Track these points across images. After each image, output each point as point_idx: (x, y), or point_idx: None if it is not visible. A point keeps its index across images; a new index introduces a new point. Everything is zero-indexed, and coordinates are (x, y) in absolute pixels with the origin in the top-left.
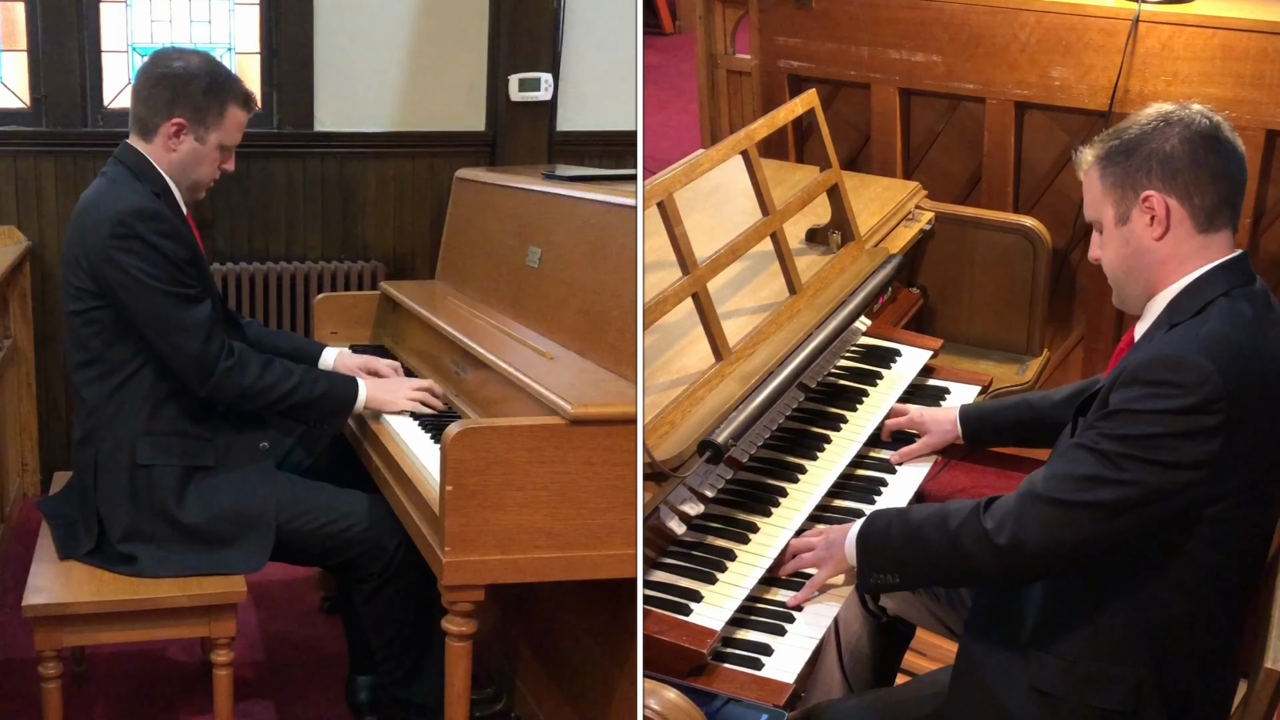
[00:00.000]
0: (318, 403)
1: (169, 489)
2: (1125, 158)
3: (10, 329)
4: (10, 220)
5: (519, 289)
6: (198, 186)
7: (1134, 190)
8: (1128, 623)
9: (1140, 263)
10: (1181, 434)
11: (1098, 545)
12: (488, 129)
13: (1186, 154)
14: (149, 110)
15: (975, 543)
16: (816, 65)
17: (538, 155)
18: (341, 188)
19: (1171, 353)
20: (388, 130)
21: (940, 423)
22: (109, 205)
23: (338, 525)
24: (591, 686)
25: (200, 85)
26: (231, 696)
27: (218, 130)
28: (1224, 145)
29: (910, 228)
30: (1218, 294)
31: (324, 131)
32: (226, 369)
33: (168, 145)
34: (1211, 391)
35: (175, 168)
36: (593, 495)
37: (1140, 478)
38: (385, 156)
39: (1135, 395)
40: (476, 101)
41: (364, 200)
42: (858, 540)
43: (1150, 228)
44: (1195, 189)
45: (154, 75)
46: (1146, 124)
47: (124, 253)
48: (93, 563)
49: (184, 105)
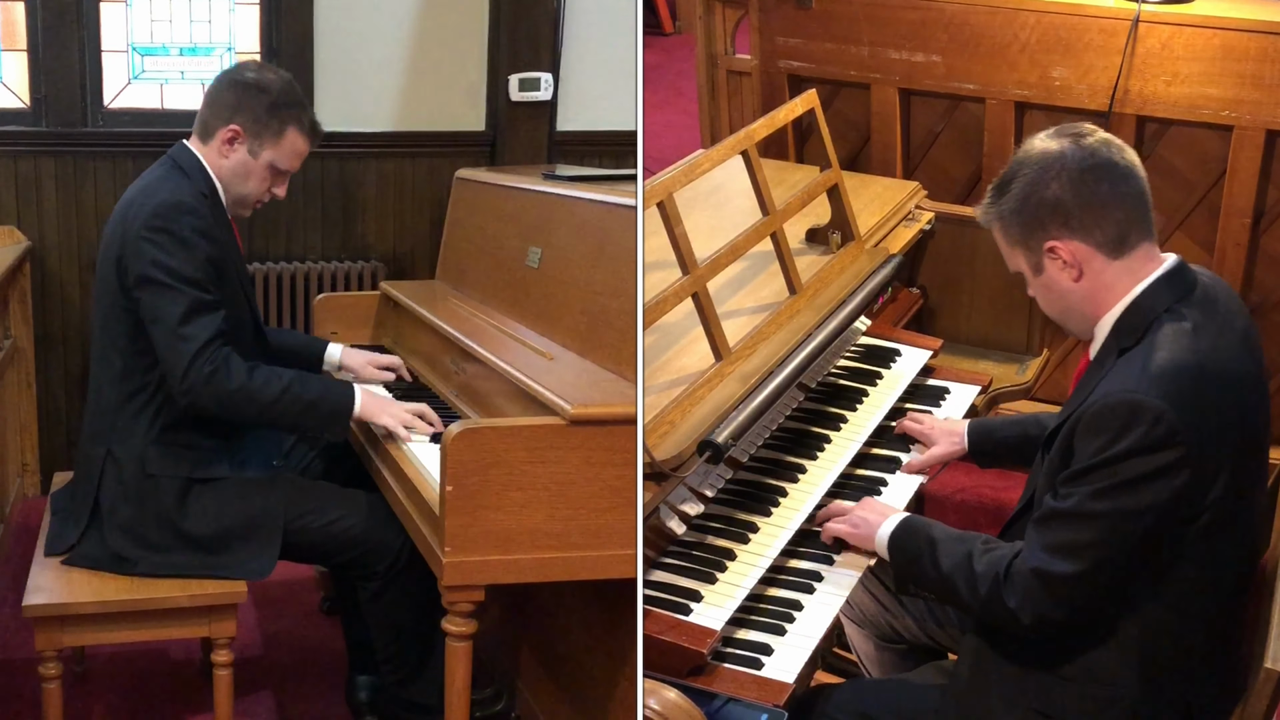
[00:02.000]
0: (311, 409)
1: (172, 501)
2: (1018, 214)
3: (10, 329)
4: (10, 220)
5: (519, 289)
6: (243, 202)
7: (1037, 243)
8: (1124, 644)
9: (1070, 302)
10: (1148, 475)
11: (1112, 589)
12: (488, 129)
13: (1073, 195)
14: (212, 113)
15: (1006, 619)
16: (816, 65)
17: (538, 155)
18: (341, 188)
19: (1122, 399)
20: (388, 130)
21: (948, 435)
22: (151, 198)
23: (342, 524)
24: (591, 686)
25: (267, 100)
26: (231, 696)
27: (273, 148)
28: (1106, 169)
29: (910, 228)
30: (1160, 310)
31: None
32: (208, 373)
33: (221, 150)
34: (1167, 429)
35: (225, 174)
36: (593, 495)
37: (1126, 528)
38: (385, 156)
39: (1098, 447)
40: (476, 101)
41: (364, 200)
42: (890, 552)
43: (1064, 272)
44: (1094, 224)
45: (227, 79)
46: (1026, 174)
47: (152, 245)
48: (75, 562)
49: (245, 115)
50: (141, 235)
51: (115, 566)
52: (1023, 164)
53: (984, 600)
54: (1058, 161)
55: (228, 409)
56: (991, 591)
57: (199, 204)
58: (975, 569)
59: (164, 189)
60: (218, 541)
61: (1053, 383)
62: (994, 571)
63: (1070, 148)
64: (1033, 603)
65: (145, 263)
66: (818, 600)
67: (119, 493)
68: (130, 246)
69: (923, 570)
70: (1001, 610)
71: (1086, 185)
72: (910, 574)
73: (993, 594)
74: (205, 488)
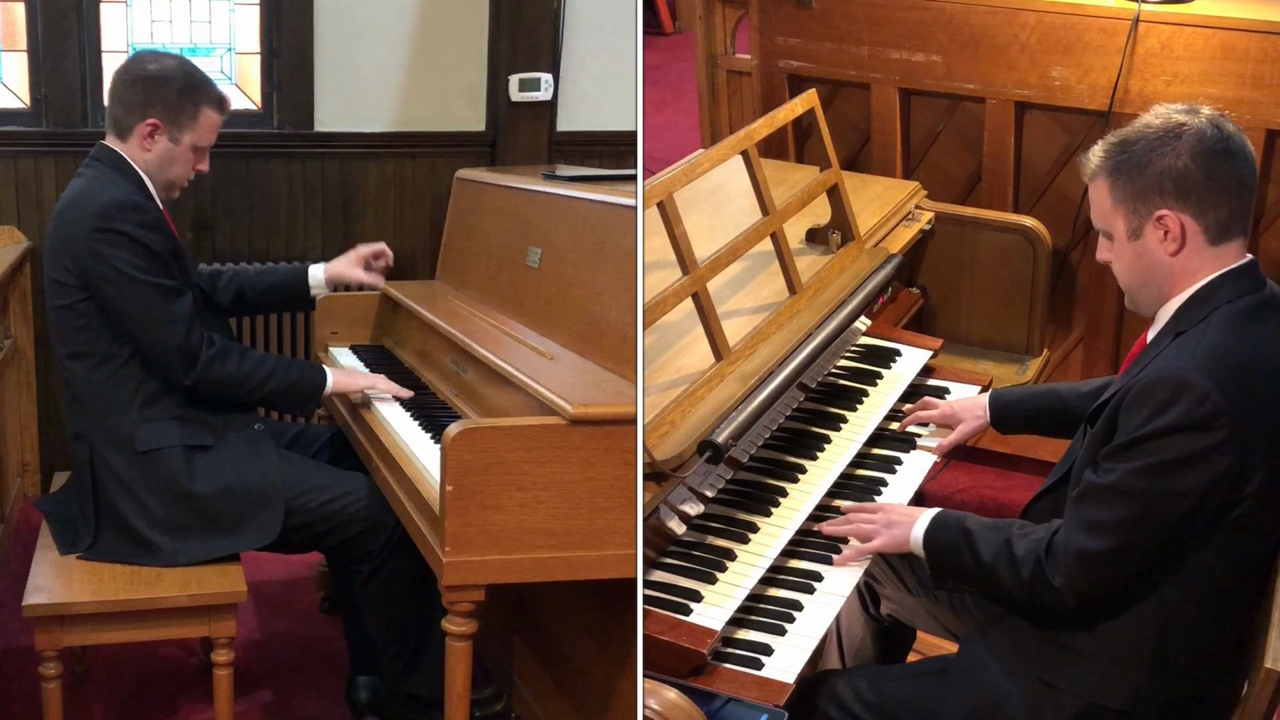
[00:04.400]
0: (291, 389)
1: (178, 467)
2: (1137, 174)
3: (10, 329)
4: (10, 220)
5: (519, 289)
6: (172, 185)
7: (1147, 207)
8: (1135, 625)
9: (1154, 275)
10: (1190, 457)
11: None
12: (488, 129)
13: (1199, 170)
14: (124, 111)
15: (1051, 597)
16: (816, 65)
17: (538, 155)
18: (341, 188)
19: (1169, 374)
20: (388, 130)
21: (971, 410)
22: (91, 200)
23: (339, 503)
24: (591, 686)
25: (174, 87)
26: (231, 696)
27: (191, 131)
28: (1235, 155)
29: (910, 228)
30: (1222, 302)
31: (324, 131)
32: (209, 358)
33: (143, 145)
34: (1211, 409)
35: (150, 166)
36: (593, 495)
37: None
38: (385, 156)
39: (1140, 420)
40: (476, 101)
41: (364, 200)
42: (926, 550)
43: (1164, 243)
44: (1209, 205)
45: (129, 77)
46: (1155, 137)
47: (107, 245)
48: (94, 557)
49: (158, 106)
50: (94, 239)
51: (139, 557)
52: (1150, 126)
53: (1028, 583)
54: (1195, 134)
55: (228, 389)
56: (1035, 572)
57: (140, 200)
58: (1016, 553)
59: (103, 191)
60: (226, 506)
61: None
62: (1035, 553)
63: (1207, 125)
64: (1074, 579)
65: (106, 264)
66: (818, 600)
67: (116, 481)
68: (82, 250)
69: (961, 563)
70: (1046, 590)
71: (1216, 165)
72: (949, 569)
73: (1036, 574)
74: (204, 455)
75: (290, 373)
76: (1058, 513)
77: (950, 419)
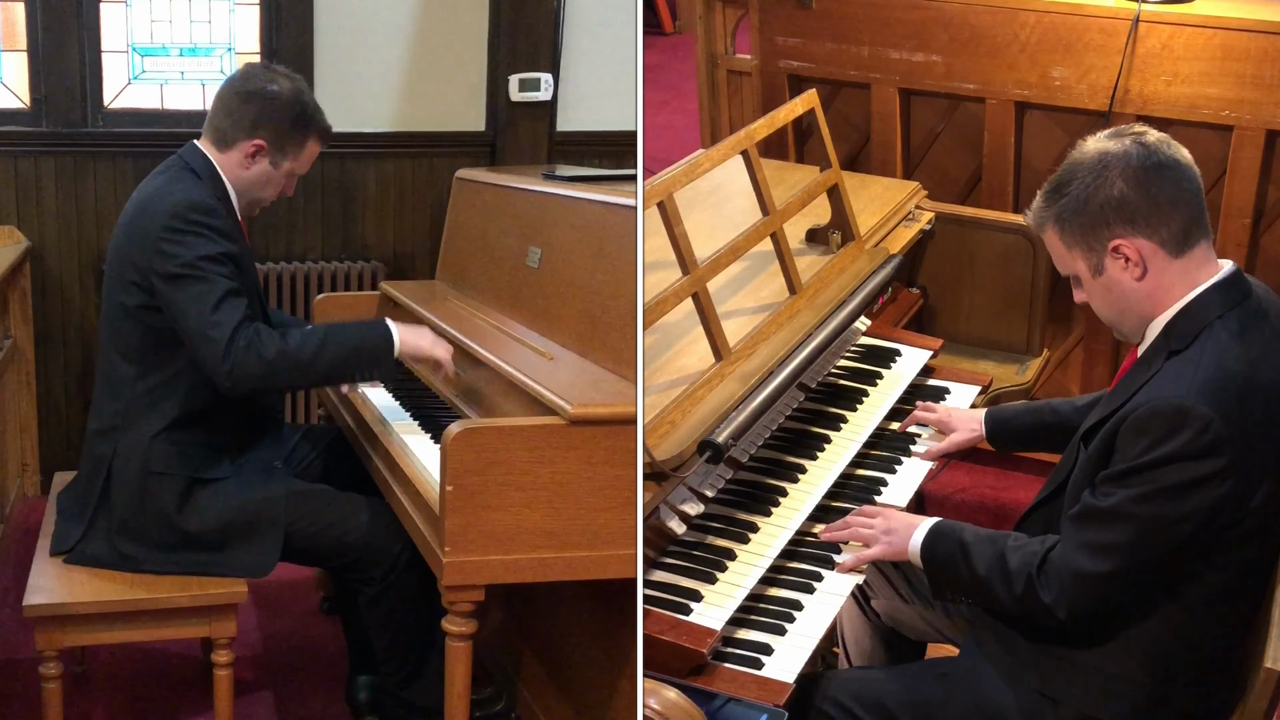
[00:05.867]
0: (353, 356)
1: (172, 501)
2: (1080, 213)
3: (10, 329)
4: (10, 220)
5: (519, 289)
6: (256, 204)
7: (1100, 242)
8: (1134, 639)
9: (1130, 303)
10: (1192, 483)
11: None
12: (488, 129)
13: (1137, 192)
14: (231, 124)
15: (1042, 613)
16: (816, 65)
17: (538, 155)
18: (341, 188)
19: (1170, 403)
20: (388, 130)
21: (967, 422)
22: (168, 198)
23: (339, 529)
24: (591, 686)
25: (290, 114)
26: (231, 696)
27: (293, 159)
28: (1167, 167)
29: (910, 228)
30: (1212, 318)
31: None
32: (244, 346)
33: (243, 162)
34: (1214, 437)
35: (242, 183)
36: (593, 495)
37: (1165, 533)
38: (385, 156)
39: (1143, 449)
40: (476, 101)
41: (364, 200)
42: (923, 560)
43: (1127, 270)
44: (1158, 222)
45: (245, 91)
46: (1086, 173)
47: (175, 243)
48: (79, 560)
49: (267, 129)
50: (163, 235)
51: (119, 564)
52: (1079, 164)
53: (1020, 597)
54: (1120, 160)
55: (272, 378)
56: (1027, 588)
57: (215, 204)
58: (1009, 567)
59: (179, 190)
60: (219, 539)
61: (1053, 383)
62: (1028, 568)
63: (1132, 146)
64: (1068, 597)
65: (172, 260)
66: (818, 600)
67: (122, 490)
68: (150, 246)
69: (958, 574)
70: (1037, 606)
71: (1151, 182)
72: (945, 580)
73: (1028, 590)
74: (205, 488)
75: (347, 337)
76: (1051, 526)
77: (945, 426)
